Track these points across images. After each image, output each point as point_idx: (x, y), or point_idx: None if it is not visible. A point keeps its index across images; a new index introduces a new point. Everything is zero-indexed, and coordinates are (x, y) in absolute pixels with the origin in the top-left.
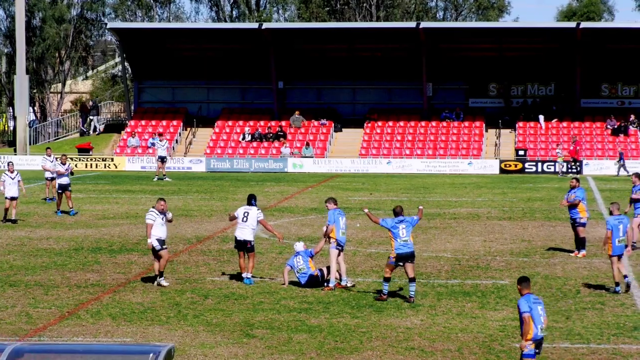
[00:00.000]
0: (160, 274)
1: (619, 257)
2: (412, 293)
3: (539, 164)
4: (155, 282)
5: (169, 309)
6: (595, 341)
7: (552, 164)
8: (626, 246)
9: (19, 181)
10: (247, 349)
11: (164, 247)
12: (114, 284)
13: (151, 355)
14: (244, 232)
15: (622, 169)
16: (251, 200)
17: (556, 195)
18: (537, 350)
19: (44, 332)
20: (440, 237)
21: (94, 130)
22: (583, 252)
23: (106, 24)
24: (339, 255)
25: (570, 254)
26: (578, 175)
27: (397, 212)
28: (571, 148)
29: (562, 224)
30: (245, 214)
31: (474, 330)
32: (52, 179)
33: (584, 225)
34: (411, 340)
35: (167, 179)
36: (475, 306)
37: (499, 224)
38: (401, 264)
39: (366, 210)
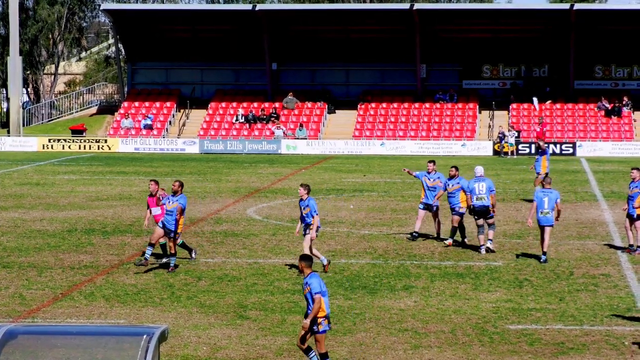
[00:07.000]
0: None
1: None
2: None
3: (533, 146)
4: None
5: (163, 291)
6: (588, 323)
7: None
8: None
9: None
10: (241, 331)
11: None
12: (107, 266)
13: (145, 336)
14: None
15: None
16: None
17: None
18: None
19: (37, 313)
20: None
21: None
22: (450, 240)
23: (100, 5)
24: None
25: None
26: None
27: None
28: (537, 129)
29: None
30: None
31: (467, 311)
32: None
33: (461, 215)
34: (405, 322)
35: None
36: (469, 288)
37: None
38: None
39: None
